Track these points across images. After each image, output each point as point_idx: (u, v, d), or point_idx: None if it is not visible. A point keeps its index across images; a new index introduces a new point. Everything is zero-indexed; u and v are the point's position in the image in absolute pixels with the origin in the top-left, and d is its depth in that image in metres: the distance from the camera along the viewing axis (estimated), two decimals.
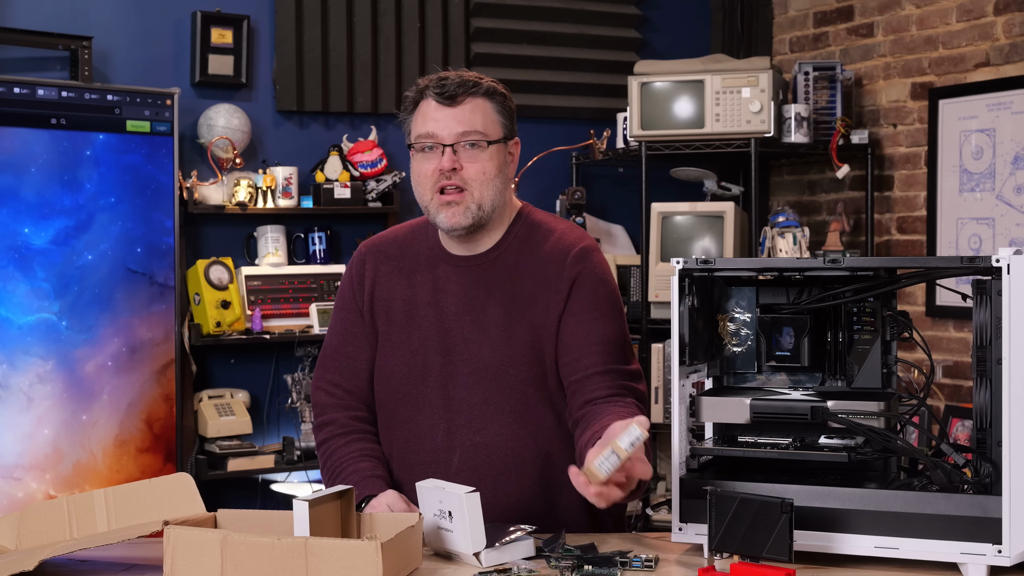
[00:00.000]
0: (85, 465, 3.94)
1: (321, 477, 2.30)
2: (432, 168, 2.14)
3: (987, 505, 1.76)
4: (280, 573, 1.68)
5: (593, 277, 2.19)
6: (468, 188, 2.13)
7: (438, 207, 2.15)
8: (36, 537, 2.01)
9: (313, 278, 4.49)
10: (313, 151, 4.61)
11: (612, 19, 5.17)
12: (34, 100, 3.88)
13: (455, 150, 2.13)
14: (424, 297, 2.23)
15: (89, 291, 3.97)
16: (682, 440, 1.95)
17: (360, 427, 2.27)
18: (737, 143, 4.53)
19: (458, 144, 2.13)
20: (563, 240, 2.22)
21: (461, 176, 2.13)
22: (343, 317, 2.31)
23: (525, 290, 2.18)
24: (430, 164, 2.15)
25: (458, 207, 2.14)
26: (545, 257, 2.20)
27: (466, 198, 2.14)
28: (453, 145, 2.13)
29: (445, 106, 2.13)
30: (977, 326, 1.81)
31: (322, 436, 2.30)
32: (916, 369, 2.47)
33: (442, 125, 2.13)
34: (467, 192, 2.13)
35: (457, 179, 2.13)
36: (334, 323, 2.34)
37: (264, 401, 4.53)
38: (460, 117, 2.13)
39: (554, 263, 2.19)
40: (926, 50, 4.65)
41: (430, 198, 2.16)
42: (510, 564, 1.87)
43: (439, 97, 2.13)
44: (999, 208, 4.38)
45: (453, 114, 2.13)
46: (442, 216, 2.15)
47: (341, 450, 2.24)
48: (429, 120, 2.14)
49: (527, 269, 2.20)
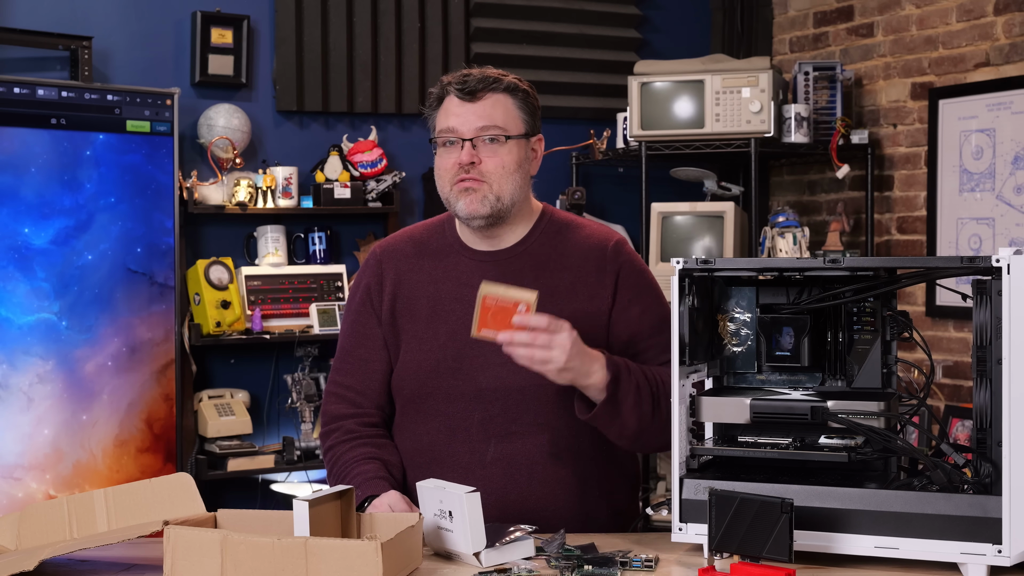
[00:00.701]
0: (85, 465, 3.94)
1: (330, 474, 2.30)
2: (452, 162, 2.17)
3: (987, 505, 1.76)
4: (280, 573, 1.68)
5: (634, 270, 2.26)
6: (487, 180, 2.16)
7: (457, 195, 2.18)
8: (36, 537, 2.01)
9: (313, 278, 4.49)
10: (313, 151, 4.61)
11: (612, 19, 5.17)
12: (34, 100, 3.88)
13: (474, 144, 2.16)
14: (449, 292, 2.24)
15: (89, 291, 3.97)
16: (682, 440, 1.95)
17: (368, 432, 2.27)
18: (737, 143, 4.53)
19: (477, 139, 2.16)
20: (596, 235, 2.28)
21: (480, 170, 2.16)
22: (356, 320, 2.31)
23: (563, 282, 2.22)
24: (451, 158, 2.18)
25: (476, 194, 2.16)
26: (581, 251, 2.25)
27: (484, 187, 2.16)
28: (472, 140, 2.16)
29: (466, 102, 2.17)
30: (977, 326, 1.81)
31: (329, 443, 2.30)
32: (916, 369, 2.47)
33: (462, 120, 2.16)
34: (486, 183, 2.16)
35: (476, 172, 2.16)
36: (346, 327, 2.34)
37: (264, 401, 4.53)
38: (480, 112, 2.16)
39: (593, 257, 2.24)
40: (926, 50, 4.65)
41: (449, 189, 2.19)
42: (510, 564, 1.87)
43: (460, 93, 2.17)
44: (999, 208, 4.38)
45: (473, 109, 2.16)
46: (461, 204, 2.18)
47: (347, 455, 2.24)
48: (451, 115, 2.18)
49: (562, 263, 2.24)
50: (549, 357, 1.99)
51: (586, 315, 2.20)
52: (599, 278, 2.23)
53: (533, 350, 1.99)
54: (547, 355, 1.99)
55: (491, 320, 2.00)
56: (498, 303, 2.00)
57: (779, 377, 2.11)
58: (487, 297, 2.00)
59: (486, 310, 2.00)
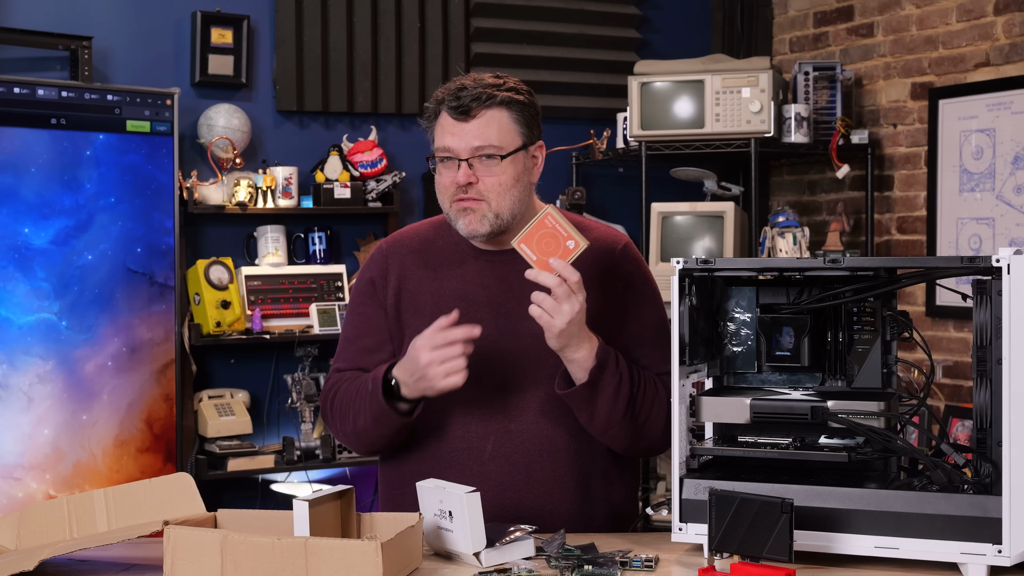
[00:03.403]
0: (85, 465, 3.94)
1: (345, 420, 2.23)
2: (450, 180, 2.17)
3: (987, 505, 1.76)
4: (280, 573, 1.68)
5: (642, 276, 2.28)
6: (485, 199, 2.16)
7: (456, 214, 2.18)
8: (36, 537, 2.01)
9: (313, 278, 4.49)
10: (313, 151, 4.61)
11: (612, 19, 5.17)
12: (34, 100, 3.88)
13: (471, 164, 2.15)
14: (453, 291, 2.24)
15: (89, 291, 3.97)
16: (682, 440, 1.95)
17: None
18: (737, 143, 4.53)
19: (473, 158, 2.15)
20: (603, 237, 2.28)
21: (477, 189, 2.15)
22: (360, 311, 2.31)
23: None
24: (448, 176, 2.17)
25: (475, 214, 2.16)
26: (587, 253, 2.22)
27: (482, 207, 2.16)
28: (469, 159, 2.15)
29: (460, 121, 2.15)
30: (977, 326, 1.81)
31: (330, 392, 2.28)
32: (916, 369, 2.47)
33: (457, 140, 2.15)
34: (484, 202, 2.16)
35: (474, 192, 2.15)
36: (350, 318, 2.33)
37: (264, 401, 4.53)
38: (475, 132, 2.14)
39: (601, 260, 2.23)
40: (926, 50, 4.65)
41: (449, 206, 2.19)
42: (510, 564, 1.87)
43: (454, 112, 2.15)
44: (999, 208, 4.38)
45: (468, 128, 2.14)
46: (461, 223, 2.18)
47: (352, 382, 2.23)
48: (446, 134, 2.16)
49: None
50: (559, 310, 2.01)
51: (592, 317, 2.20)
52: (606, 281, 2.23)
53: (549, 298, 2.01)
54: (558, 308, 2.01)
55: (537, 240, 2.03)
56: (554, 229, 2.03)
57: (779, 377, 2.11)
58: (548, 216, 2.03)
59: (539, 227, 2.03)
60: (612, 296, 2.23)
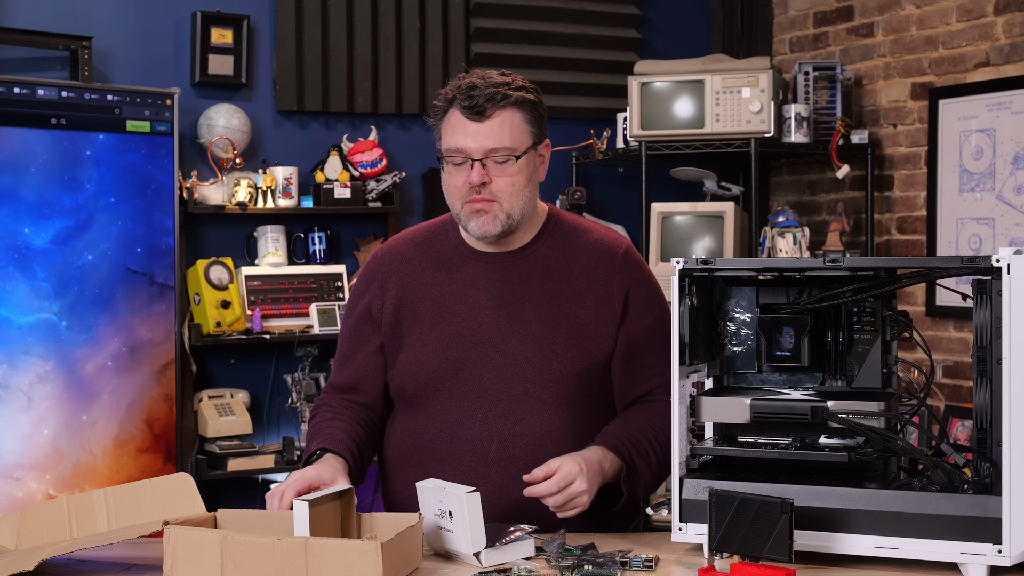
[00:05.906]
0: (85, 465, 3.94)
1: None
2: (462, 181, 2.15)
3: (987, 505, 1.76)
4: (280, 573, 1.68)
5: (644, 281, 2.27)
6: (498, 199, 2.15)
7: (468, 215, 2.17)
8: (36, 537, 2.01)
9: (313, 278, 4.49)
10: (313, 151, 4.61)
11: (612, 19, 5.17)
12: (34, 100, 3.88)
13: (484, 164, 2.13)
14: (453, 294, 2.23)
15: (89, 291, 3.97)
16: (682, 440, 1.95)
17: (352, 413, 2.28)
18: (737, 143, 4.53)
19: (487, 159, 2.14)
20: (604, 240, 2.27)
21: (490, 189, 2.14)
22: (354, 325, 2.32)
23: (570, 287, 2.22)
24: (460, 176, 2.16)
25: (487, 215, 2.15)
26: (589, 256, 2.25)
27: (495, 208, 2.15)
28: (483, 160, 2.13)
29: (473, 121, 2.13)
30: (977, 326, 1.81)
31: (313, 413, 2.32)
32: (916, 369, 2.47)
33: (471, 140, 2.13)
34: (497, 203, 2.15)
35: (487, 192, 2.14)
36: (345, 330, 2.35)
37: (264, 401, 4.53)
38: (489, 133, 2.13)
39: (602, 264, 2.23)
40: (926, 50, 4.65)
41: (460, 207, 2.18)
42: (510, 564, 1.87)
43: (467, 112, 2.13)
44: (999, 208, 4.38)
45: (482, 129, 2.13)
46: (473, 224, 2.17)
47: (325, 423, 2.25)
48: (458, 134, 2.14)
49: (569, 267, 2.24)
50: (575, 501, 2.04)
51: (593, 321, 2.20)
52: (608, 286, 2.22)
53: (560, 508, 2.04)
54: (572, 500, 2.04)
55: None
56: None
57: (779, 377, 2.11)
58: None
59: None
60: (610, 302, 2.22)
